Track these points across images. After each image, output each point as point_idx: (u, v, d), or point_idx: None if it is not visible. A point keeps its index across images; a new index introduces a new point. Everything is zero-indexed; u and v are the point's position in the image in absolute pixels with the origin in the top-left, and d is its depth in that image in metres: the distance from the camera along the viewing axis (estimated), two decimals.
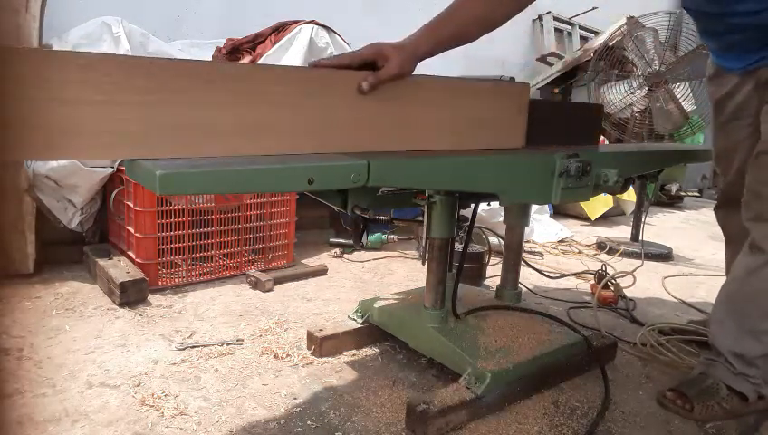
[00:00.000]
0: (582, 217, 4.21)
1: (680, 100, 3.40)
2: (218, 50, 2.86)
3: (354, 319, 1.82)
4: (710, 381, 1.51)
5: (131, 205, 2.21)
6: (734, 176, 1.74)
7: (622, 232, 3.80)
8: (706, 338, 1.92)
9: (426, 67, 1.29)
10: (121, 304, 2.01)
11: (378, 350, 1.79)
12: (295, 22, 2.80)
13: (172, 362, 1.64)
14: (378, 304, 1.77)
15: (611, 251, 3.21)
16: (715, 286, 2.63)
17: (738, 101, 1.64)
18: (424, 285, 1.64)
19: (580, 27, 5.12)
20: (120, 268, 2.14)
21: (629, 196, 4.00)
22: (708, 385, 1.51)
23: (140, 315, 1.97)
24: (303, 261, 2.66)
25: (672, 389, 1.54)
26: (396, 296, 1.85)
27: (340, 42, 2.87)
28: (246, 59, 2.75)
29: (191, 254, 2.32)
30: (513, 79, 1.60)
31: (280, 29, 2.81)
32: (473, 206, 1.68)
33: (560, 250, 3.26)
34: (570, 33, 5.12)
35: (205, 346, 1.75)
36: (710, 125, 1.84)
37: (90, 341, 1.75)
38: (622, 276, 2.37)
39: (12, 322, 1.84)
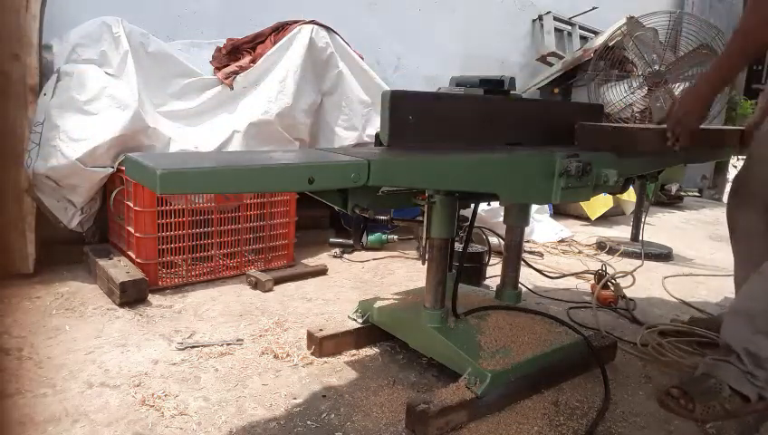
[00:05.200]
0: (582, 217, 4.21)
1: None
2: (218, 50, 2.86)
3: (354, 319, 1.82)
4: (713, 381, 1.51)
5: (131, 205, 2.21)
6: (748, 161, 1.76)
7: (622, 232, 3.80)
8: (706, 338, 1.93)
9: (424, 67, 1.29)
10: (121, 304, 2.01)
11: (378, 350, 1.79)
12: (295, 22, 2.80)
13: (172, 362, 1.64)
14: (378, 304, 1.77)
15: (611, 251, 3.21)
16: (714, 286, 2.64)
17: None
18: (424, 285, 1.64)
19: (580, 27, 5.12)
20: (120, 268, 2.14)
21: (629, 196, 4.00)
22: (711, 385, 1.51)
23: (140, 315, 1.96)
24: (303, 261, 2.66)
25: (674, 387, 1.53)
26: (396, 296, 1.85)
27: (340, 42, 2.88)
28: (246, 59, 2.75)
29: (191, 254, 2.32)
30: (513, 79, 1.60)
31: (280, 29, 2.81)
32: (473, 206, 1.68)
33: (560, 250, 3.26)
34: (570, 33, 5.12)
35: (205, 346, 1.75)
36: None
37: (90, 341, 1.75)
38: (622, 276, 2.37)
39: (12, 322, 1.84)
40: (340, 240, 2.97)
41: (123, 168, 2.20)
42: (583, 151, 1.50)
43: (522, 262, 1.96)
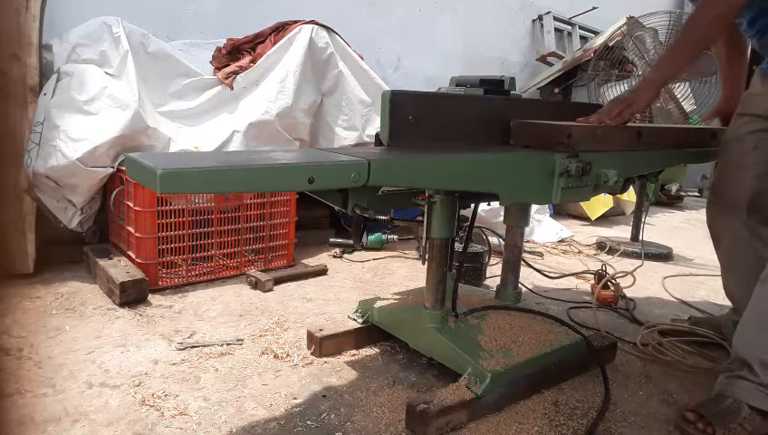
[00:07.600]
0: (582, 217, 4.21)
1: (680, 100, 3.40)
2: (218, 50, 2.86)
3: (354, 319, 1.82)
4: (729, 401, 1.42)
5: (131, 205, 2.21)
6: (721, 168, 1.79)
7: (622, 232, 3.80)
8: (706, 338, 1.93)
9: (424, 67, 1.30)
10: (121, 304, 2.01)
11: (378, 350, 1.79)
12: (295, 22, 2.80)
13: (172, 362, 1.64)
14: (378, 304, 1.77)
15: (611, 251, 3.21)
16: (715, 286, 2.64)
17: None
18: (424, 284, 1.64)
19: (580, 27, 5.12)
20: (120, 268, 2.13)
21: (629, 196, 4.00)
22: (728, 405, 1.41)
23: (140, 315, 1.96)
24: (303, 261, 2.66)
25: (691, 410, 1.44)
26: (396, 296, 1.85)
27: (340, 42, 2.88)
28: (246, 59, 2.75)
29: (191, 254, 2.32)
30: (513, 79, 1.60)
31: (280, 29, 2.81)
32: (473, 206, 1.68)
33: (560, 250, 3.26)
34: (570, 33, 5.12)
35: (205, 346, 1.75)
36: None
37: (90, 341, 1.75)
38: (622, 276, 2.37)
39: (12, 322, 1.84)
40: (340, 240, 2.97)
41: (123, 168, 2.20)
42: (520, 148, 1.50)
43: (522, 262, 1.96)
